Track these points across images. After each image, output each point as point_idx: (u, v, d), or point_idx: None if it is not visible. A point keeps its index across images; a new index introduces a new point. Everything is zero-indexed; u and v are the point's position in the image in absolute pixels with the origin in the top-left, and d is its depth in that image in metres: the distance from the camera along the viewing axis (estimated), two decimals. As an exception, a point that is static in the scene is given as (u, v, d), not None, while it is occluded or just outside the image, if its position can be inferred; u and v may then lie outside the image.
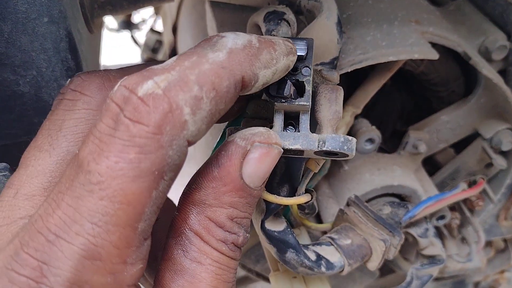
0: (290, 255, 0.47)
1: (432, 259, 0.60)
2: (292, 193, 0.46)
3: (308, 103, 0.38)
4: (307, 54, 0.39)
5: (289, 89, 0.37)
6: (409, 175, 0.64)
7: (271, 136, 0.35)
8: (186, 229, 0.33)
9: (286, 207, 0.51)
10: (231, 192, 0.33)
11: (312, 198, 0.45)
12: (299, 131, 0.39)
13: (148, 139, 0.27)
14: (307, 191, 0.45)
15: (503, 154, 0.67)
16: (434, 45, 0.57)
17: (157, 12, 1.29)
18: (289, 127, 0.40)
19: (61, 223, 0.27)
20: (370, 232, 0.51)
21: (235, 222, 0.34)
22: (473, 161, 0.69)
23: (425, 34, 0.58)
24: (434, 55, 0.55)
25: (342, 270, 0.51)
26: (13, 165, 0.39)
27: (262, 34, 0.49)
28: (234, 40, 0.32)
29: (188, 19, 0.84)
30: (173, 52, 1.02)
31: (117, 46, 1.93)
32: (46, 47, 0.40)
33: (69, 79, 0.36)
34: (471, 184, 0.65)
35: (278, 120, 0.38)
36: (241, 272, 0.74)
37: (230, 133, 0.39)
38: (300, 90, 0.38)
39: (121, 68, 0.39)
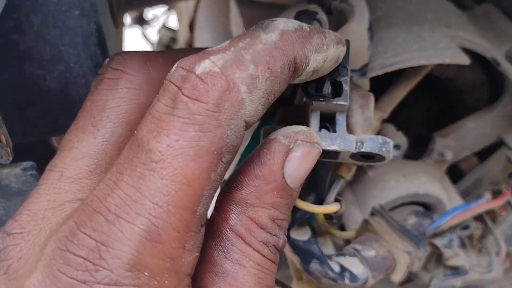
0: (314, 265, 0.46)
1: (456, 270, 0.59)
2: (318, 201, 0.45)
3: (346, 103, 0.37)
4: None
5: (328, 88, 0.36)
6: (434, 184, 0.63)
7: (313, 135, 0.34)
8: (227, 230, 0.32)
9: (311, 215, 0.49)
10: (273, 192, 0.32)
11: (341, 208, 0.44)
12: (335, 132, 0.37)
13: (207, 116, 0.27)
14: (336, 200, 0.44)
15: (528, 163, 0.66)
16: (462, 50, 0.56)
17: (170, 8, 1.27)
18: (322, 129, 0.39)
19: (121, 203, 0.26)
20: (395, 244, 0.50)
21: (276, 223, 0.32)
22: (497, 170, 0.68)
23: (455, 39, 0.56)
24: (465, 60, 0.53)
25: (366, 282, 0.50)
26: (39, 164, 0.38)
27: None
28: (286, 23, 0.32)
29: (208, 15, 0.83)
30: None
31: (130, 41, 1.92)
32: (76, 41, 0.39)
33: (108, 59, 0.35)
34: (495, 193, 0.64)
35: (315, 120, 0.37)
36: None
37: (267, 132, 0.37)
38: (337, 90, 0.37)
39: (161, 51, 0.38)
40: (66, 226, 0.28)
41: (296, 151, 0.33)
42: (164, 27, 1.31)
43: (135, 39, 1.58)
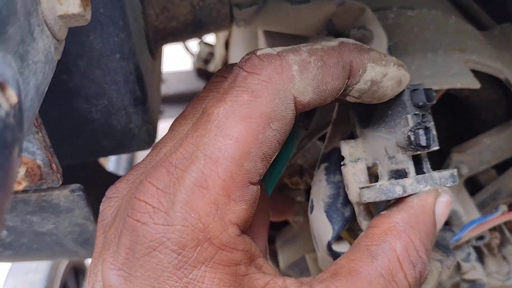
0: None
1: (473, 284, 0.61)
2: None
3: (438, 147, 0.40)
4: None
5: (431, 138, 0.39)
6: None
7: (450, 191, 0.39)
8: (385, 241, 0.35)
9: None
10: (427, 223, 0.36)
11: None
12: (424, 172, 0.40)
13: (259, 85, 0.32)
14: None
15: (545, 177, 0.67)
16: (476, 72, 0.58)
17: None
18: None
19: (181, 157, 0.32)
20: None
21: (426, 252, 0.35)
22: (514, 183, 0.70)
23: (468, 63, 0.59)
24: (475, 84, 0.56)
25: None
26: (83, 184, 0.44)
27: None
28: (347, 39, 0.37)
29: (241, 37, 0.88)
30: (225, 65, 1.05)
31: (171, 53, 1.98)
32: (117, 80, 0.44)
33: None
34: (511, 205, 0.66)
35: (412, 166, 0.40)
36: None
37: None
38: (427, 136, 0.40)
39: None
40: (139, 179, 0.34)
41: (444, 197, 0.38)
42: (203, 42, 1.37)
43: (177, 51, 1.64)
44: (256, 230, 0.45)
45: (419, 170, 0.40)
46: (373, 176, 0.44)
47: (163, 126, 0.46)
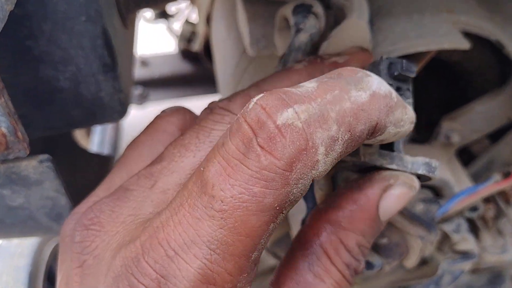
0: None
1: (464, 255, 0.60)
2: None
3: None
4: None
5: None
6: (441, 166, 0.64)
7: (415, 180, 0.36)
8: (316, 245, 0.34)
9: None
10: (365, 220, 0.34)
11: None
12: (393, 151, 0.38)
13: (276, 174, 0.27)
14: None
15: (540, 144, 0.66)
16: (468, 34, 0.56)
17: (192, 2, 1.31)
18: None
19: (181, 241, 0.28)
20: (406, 230, 0.52)
21: (361, 249, 0.35)
22: (508, 152, 0.68)
23: (457, 24, 0.57)
24: (465, 44, 0.54)
25: (381, 269, 0.51)
26: (54, 156, 0.42)
27: (290, 28, 0.50)
28: (379, 84, 0.31)
29: (222, 9, 0.86)
30: (207, 43, 1.03)
31: (155, 36, 1.96)
32: (84, 45, 0.42)
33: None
34: (505, 175, 0.64)
35: None
36: (272, 261, 0.76)
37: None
38: None
39: (257, 85, 0.39)
40: (134, 247, 0.30)
41: (396, 190, 0.35)
42: (187, 21, 1.35)
43: (161, 32, 1.63)
44: None
45: (388, 148, 0.38)
46: None
47: (149, 111, 0.44)
